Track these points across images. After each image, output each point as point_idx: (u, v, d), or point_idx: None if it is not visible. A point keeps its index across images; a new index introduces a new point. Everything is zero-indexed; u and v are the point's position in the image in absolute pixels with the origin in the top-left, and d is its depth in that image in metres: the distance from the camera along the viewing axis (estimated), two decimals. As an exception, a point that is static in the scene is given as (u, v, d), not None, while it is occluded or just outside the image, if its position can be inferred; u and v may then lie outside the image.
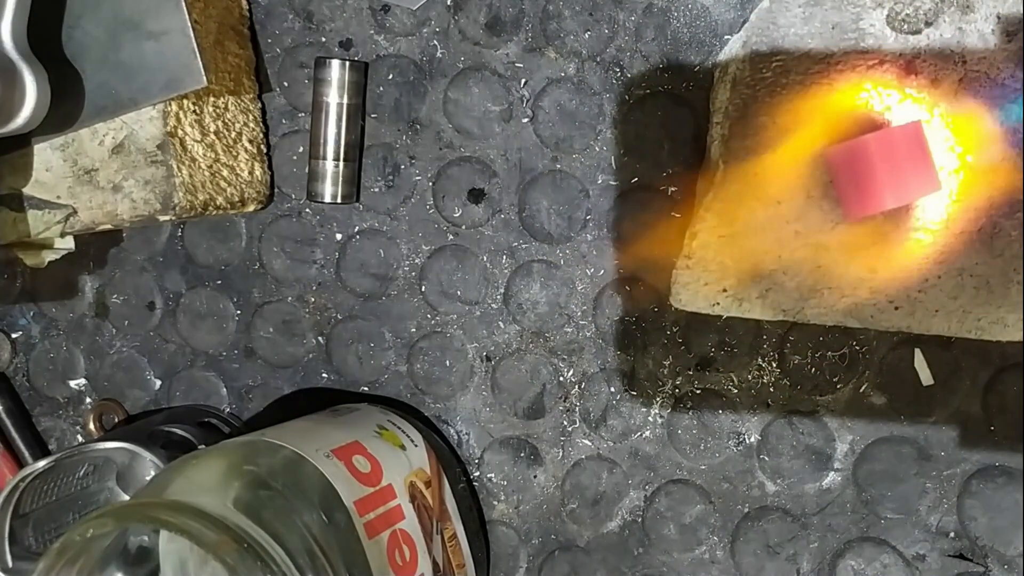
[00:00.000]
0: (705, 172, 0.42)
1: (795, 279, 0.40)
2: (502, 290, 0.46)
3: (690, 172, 0.43)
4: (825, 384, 0.43)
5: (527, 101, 0.45)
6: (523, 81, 0.45)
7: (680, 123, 0.43)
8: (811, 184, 0.39)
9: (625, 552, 0.45)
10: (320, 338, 0.49)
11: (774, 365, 0.43)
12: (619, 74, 0.44)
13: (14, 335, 0.54)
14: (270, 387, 0.50)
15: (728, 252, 0.40)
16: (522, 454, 0.46)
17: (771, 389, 0.43)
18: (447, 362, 0.47)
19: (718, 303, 0.40)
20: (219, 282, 0.50)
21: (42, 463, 0.43)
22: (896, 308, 0.39)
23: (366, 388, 0.48)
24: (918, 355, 0.41)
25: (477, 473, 0.47)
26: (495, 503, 0.46)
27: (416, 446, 0.43)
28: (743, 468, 0.43)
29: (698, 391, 0.44)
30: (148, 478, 0.44)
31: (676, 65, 0.43)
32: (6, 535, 0.42)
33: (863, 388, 0.42)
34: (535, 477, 0.46)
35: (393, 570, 0.36)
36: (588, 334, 0.45)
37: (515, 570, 0.46)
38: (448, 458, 0.45)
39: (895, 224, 0.38)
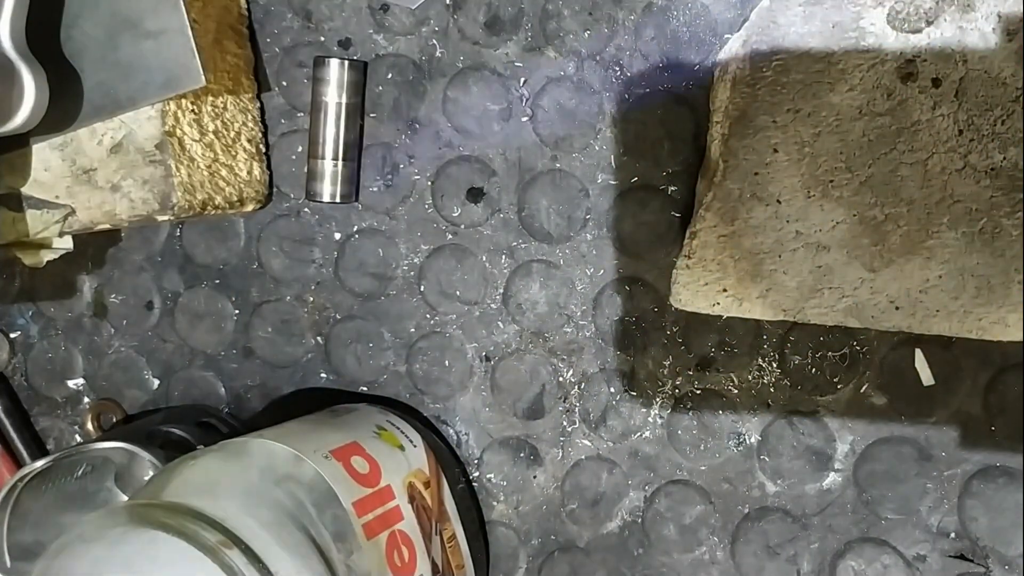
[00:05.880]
0: (705, 172, 0.42)
1: (795, 279, 0.39)
2: (501, 290, 0.46)
3: (690, 171, 0.43)
4: (825, 384, 0.42)
5: (526, 100, 0.45)
6: (522, 80, 0.45)
7: (680, 122, 0.43)
8: (811, 183, 0.39)
9: (625, 553, 0.45)
10: (319, 338, 0.49)
11: (774, 365, 0.43)
12: (619, 73, 0.43)
13: (12, 335, 0.54)
14: (269, 387, 0.50)
15: (728, 252, 0.40)
16: (521, 454, 0.46)
17: (771, 389, 0.43)
18: (446, 362, 0.47)
19: (718, 303, 0.40)
20: (217, 282, 0.50)
21: (40, 463, 0.43)
22: (897, 308, 0.39)
23: (365, 388, 0.48)
24: (919, 355, 0.41)
25: (476, 473, 0.47)
26: (494, 503, 0.46)
27: (415, 447, 0.43)
28: (743, 468, 0.43)
29: (698, 391, 0.44)
30: (147, 478, 0.44)
31: (676, 64, 0.43)
32: (4, 535, 0.42)
33: (864, 388, 0.42)
34: (535, 477, 0.46)
35: (392, 571, 0.36)
36: (588, 334, 0.45)
37: (515, 570, 0.46)
38: (447, 458, 0.45)
39: (895, 223, 0.38)
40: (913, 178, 0.38)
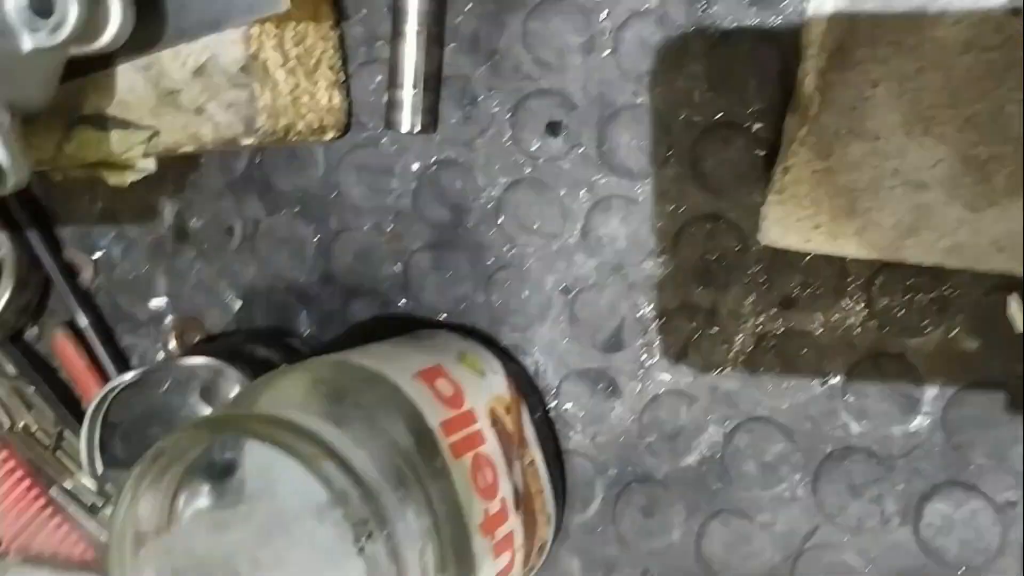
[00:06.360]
0: (796, 107, 0.41)
1: (892, 217, 0.38)
2: (580, 224, 0.46)
3: (776, 110, 0.42)
4: (914, 327, 0.42)
5: (609, 33, 0.44)
6: (605, 12, 0.44)
7: (767, 59, 0.42)
8: (912, 120, 0.38)
9: (703, 487, 0.44)
10: (398, 266, 0.49)
11: (861, 306, 0.42)
12: (704, 6, 0.42)
13: (95, 256, 0.55)
14: (349, 313, 0.50)
15: (823, 188, 0.39)
16: (600, 386, 0.46)
17: (857, 331, 0.42)
18: (524, 294, 0.47)
19: (810, 240, 0.39)
20: (297, 209, 0.50)
21: (129, 375, 0.44)
22: (1000, 250, 0.38)
23: (444, 316, 0.48)
24: (1013, 301, 0.40)
25: (554, 403, 0.47)
26: (571, 434, 0.46)
27: (495, 373, 0.43)
28: (826, 409, 0.43)
29: (781, 331, 0.43)
30: (232, 395, 0.44)
31: (766, -2, 0.41)
32: (97, 442, 0.43)
33: (954, 332, 0.41)
34: (613, 409, 0.46)
35: (476, 491, 0.36)
36: (668, 270, 0.45)
37: (591, 499, 0.46)
38: (526, 387, 0.45)
39: (1000, 163, 0.37)
40: (1020, 116, 0.37)
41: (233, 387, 0.44)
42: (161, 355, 0.53)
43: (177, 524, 0.38)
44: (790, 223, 0.39)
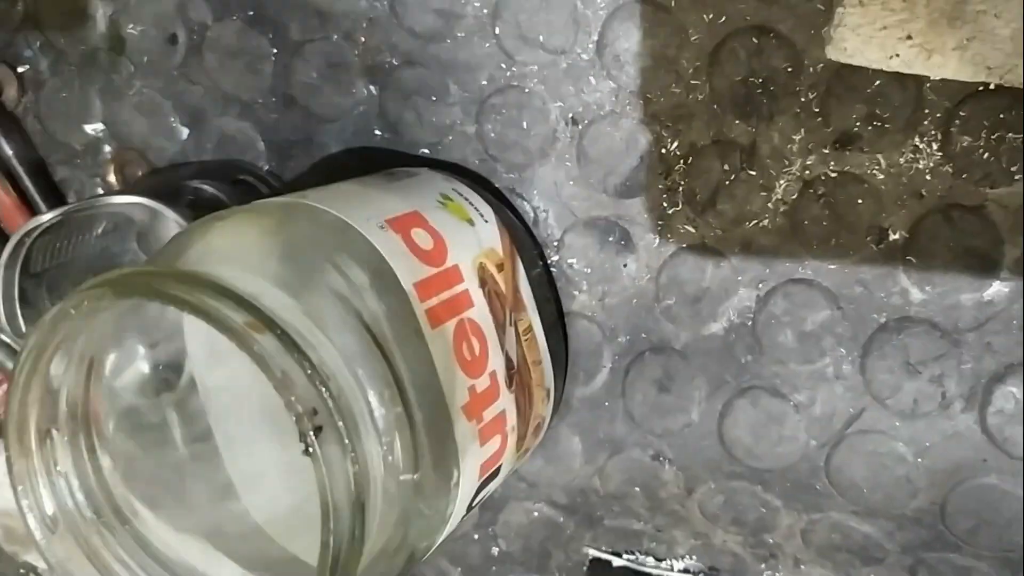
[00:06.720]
0: None
1: (1011, 24, 0.30)
2: (595, 37, 0.37)
3: None
4: (999, 174, 0.34)
5: None
6: None
7: None
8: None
9: (730, 359, 0.38)
10: (373, 87, 0.41)
11: (935, 147, 0.34)
12: None
13: (20, 69, 0.46)
14: (314, 143, 0.42)
15: (912, -11, 0.30)
16: (610, 238, 0.39)
17: (927, 177, 0.35)
18: (524, 124, 0.39)
19: (896, 54, 0.31)
20: (251, 13, 0.41)
21: (49, 216, 0.37)
22: None
23: (426, 151, 0.41)
24: None
25: (556, 258, 0.40)
26: (575, 293, 0.40)
27: (486, 222, 0.36)
28: (882, 271, 0.36)
29: (834, 174, 0.35)
30: (172, 242, 0.38)
31: None
32: (16, 296, 0.37)
33: (1051, 181, 0.33)
34: (625, 266, 0.39)
35: (460, 366, 0.30)
36: (700, 97, 0.36)
37: (597, 370, 0.40)
38: (523, 238, 0.38)
39: None
40: None
41: (173, 232, 0.37)
42: (100, 191, 0.46)
43: (103, 394, 0.33)
44: (872, 32, 0.30)
